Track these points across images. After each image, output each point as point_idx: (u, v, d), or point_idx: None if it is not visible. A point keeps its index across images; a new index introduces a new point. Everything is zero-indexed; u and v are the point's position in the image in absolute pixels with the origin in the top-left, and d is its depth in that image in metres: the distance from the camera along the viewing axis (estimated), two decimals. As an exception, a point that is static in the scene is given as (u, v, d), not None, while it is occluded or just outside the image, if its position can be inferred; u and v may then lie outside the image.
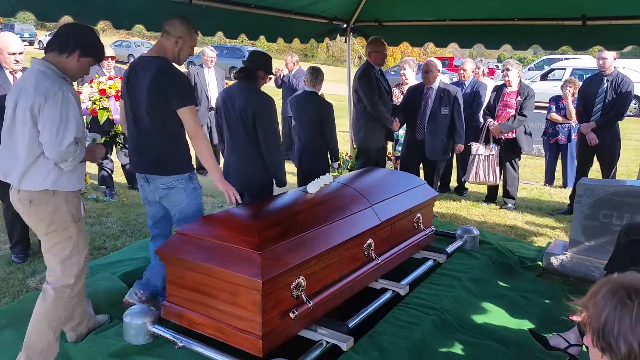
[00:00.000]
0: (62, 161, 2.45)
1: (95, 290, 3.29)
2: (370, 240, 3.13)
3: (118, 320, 2.90)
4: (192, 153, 3.08)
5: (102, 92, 5.56)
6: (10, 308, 3.20)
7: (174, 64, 2.95)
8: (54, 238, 2.58)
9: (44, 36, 31.99)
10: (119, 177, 6.48)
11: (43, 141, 2.41)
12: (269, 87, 3.62)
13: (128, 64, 3.36)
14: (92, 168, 6.79)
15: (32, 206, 2.52)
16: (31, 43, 33.13)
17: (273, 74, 3.99)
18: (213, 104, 7.00)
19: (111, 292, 3.31)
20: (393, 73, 21.38)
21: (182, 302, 2.67)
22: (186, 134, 2.95)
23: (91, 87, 5.58)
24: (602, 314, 1.10)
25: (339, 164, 6.21)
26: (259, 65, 3.66)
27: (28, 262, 4.11)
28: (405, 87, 6.06)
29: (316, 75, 4.63)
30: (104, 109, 5.53)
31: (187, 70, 7.55)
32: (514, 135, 5.72)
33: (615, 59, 5.53)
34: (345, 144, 7.34)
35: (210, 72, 7.05)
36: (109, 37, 36.54)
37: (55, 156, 2.42)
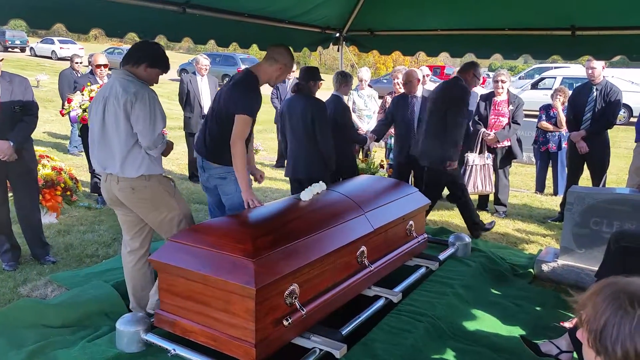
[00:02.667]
0: (153, 147, 2.97)
1: (87, 298, 3.28)
2: (363, 248, 3.14)
3: (111, 328, 2.89)
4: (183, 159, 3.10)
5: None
6: (1, 315, 3.15)
7: (263, 83, 3.46)
8: (159, 215, 3.07)
9: (36, 43, 31.89)
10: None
11: (138, 130, 2.91)
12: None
13: None
14: (86, 175, 6.77)
15: (134, 193, 3.00)
16: (22, 50, 32.97)
17: (322, 80, 4.69)
18: (206, 111, 7.01)
19: (104, 300, 3.29)
20: (385, 81, 21.52)
21: (175, 310, 2.66)
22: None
23: (82, 95, 5.57)
24: (602, 316, 1.10)
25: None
26: (308, 78, 4.52)
27: (19, 269, 4.08)
28: (398, 96, 6.11)
29: (346, 80, 4.83)
30: None
31: (180, 78, 7.56)
32: (509, 144, 5.80)
33: (604, 68, 5.61)
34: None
35: (204, 80, 7.06)
36: (101, 45, 36.50)
37: (149, 142, 2.94)
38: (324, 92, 4.28)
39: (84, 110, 5.50)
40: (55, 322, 3.08)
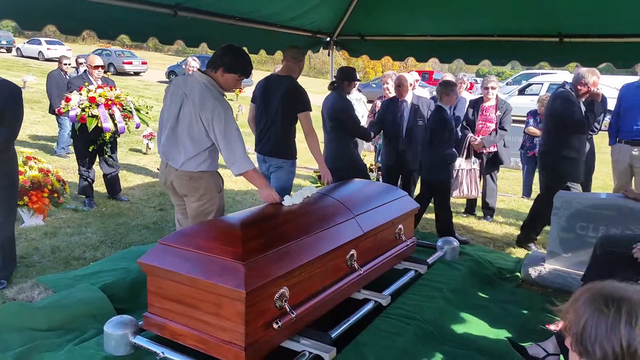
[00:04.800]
0: (231, 165, 3.16)
1: (74, 301, 3.25)
2: (353, 251, 3.15)
3: (99, 331, 2.87)
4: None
5: (92, 100, 5.55)
6: (-14, 319, 3.11)
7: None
8: (201, 205, 3.34)
9: (22, 43, 31.58)
10: (98, 186, 6.41)
11: (219, 147, 3.16)
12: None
13: (170, 78, 3.70)
14: (73, 177, 6.71)
15: (190, 181, 3.28)
16: (9, 50, 32.63)
17: (357, 80, 5.14)
18: None
19: (91, 303, 3.26)
20: (374, 86, 21.62)
21: (164, 313, 2.65)
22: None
23: (80, 94, 5.55)
24: (581, 319, 1.15)
25: None
26: (343, 77, 4.87)
27: (5, 272, 4.03)
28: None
29: (451, 88, 4.90)
30: (93, 116, 5.50)
31: (168, 80, 7.55)
32: (496, 149, 5.85)
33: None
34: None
35: None
36: (89, 46, 36.26)
37: (227, 159, 3.15)
38: (310, 95, 4.32)
39: (83, 110, 5.48)
40: (41, 325, 3.03)
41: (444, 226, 5.10)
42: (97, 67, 5.98)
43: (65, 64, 8.62)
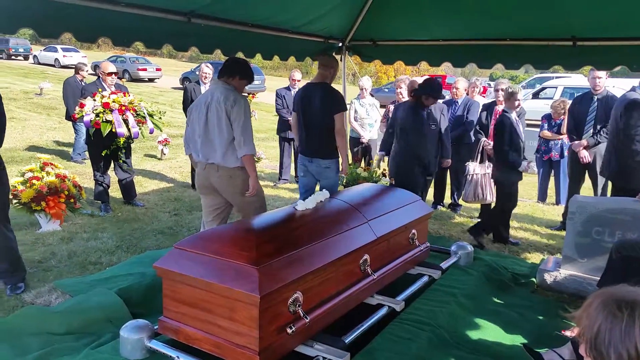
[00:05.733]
0: (242, 144, 3.68)
1: (91, 305, 3.29)
2: (366, 256, 3.16)
3: (115, 335, 2.90)
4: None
5: (106, 105, 5.63)
6: (4, 322, 3.17)
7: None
8: (246, 198, 3.85)
9: (39, 51, 32.09)
10: (114, 192, 6.49)
11: (235, 129, 3.68)
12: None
13: (185, 83, 4.02)
14: (89, 183, 6.80)
15: (230, 179, 3.79)
16: (26, 58, 33.18)
17: (440, 97, 5.14)
18: None
19: (107, 307, 3.30)
20: (387, 90, 21.61)
21: (179, 317, 2.67)
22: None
23: (94, 100, 5.64)
24: (595, 324, 1.15)
25: None
26: (423, 91, 4.92)
27: (23, 277, 4.09)
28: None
29: (511, 95, 4.98)
30: (107, 122, 5.58)
31: (183, 86, 7.63)
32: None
33: (606, 78, 5.65)
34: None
35: (206, 88, 7.10)
36: (104, 53, 36.71)
37: (240, 140, 3.68)
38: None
39: (97, 115, 5.56)
40: (59, 330, 3.08)
41: (486, 227, 5.25)
42: (110, 74, 6.06)
43: (84, 72, 8.80)
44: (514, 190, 5.14)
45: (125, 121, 5.74)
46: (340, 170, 4.72)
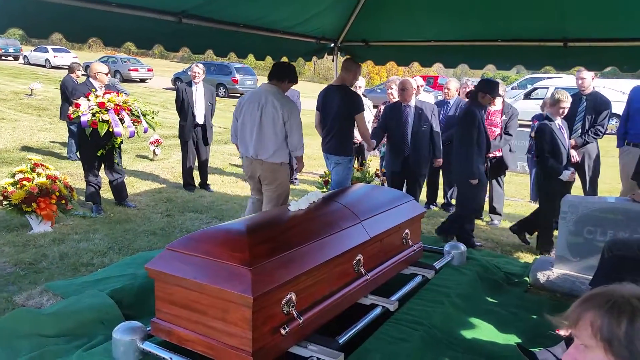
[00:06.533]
0: (295, 149, 4.40)
1: (83, 307, 3.26)
2: (359, 256, 3.15)
3: (107, 337, 2.88)
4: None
5: (102, 105, 5.60)
6: (-5, 325, 3.13)
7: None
8: (276, 190, 4.48)
9: (29, 51, 31.84)
10: (105, 193, 6.44)
11: (290, 136, 4.31)
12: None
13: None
14: (81, 184, 6.75)
15: (272, 172, 4.41)
16: (16, 58, 32.91)
17: (497, 95, 5.15)
18: (199, 120, 7.04)
19: (99, 309, 3.27)
20: (379, 91, 21.64)
21: (171, 319, 2.65)
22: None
23: (88, 100, 5.60)
24: (621, 324, 1.11)
25: None
26: (480, 89, 4.92)
27: (13, 279, 4.06)
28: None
29: (557, 101, 4.89)
30: (103, 121, 5.55)
31: (175, 87, 7.62)
32: (501, 154, 5.84)
33: (593, 78, 5.69)
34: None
35: (198, 88, 7.08)
36: (95, 53, 36.50)
37: (297, 145, 4.38)
38: (313, 101, 4.49)
39: (93, 115, 5.53)
40: (50, 332, 3.05)
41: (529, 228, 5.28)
42: (100, 73, 6.03)
43: (76, 71, 8.78)
44: (554, 197, 4.80)
45: (122, 120, 5.71)
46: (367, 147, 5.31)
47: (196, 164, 7.39)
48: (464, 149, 4.83)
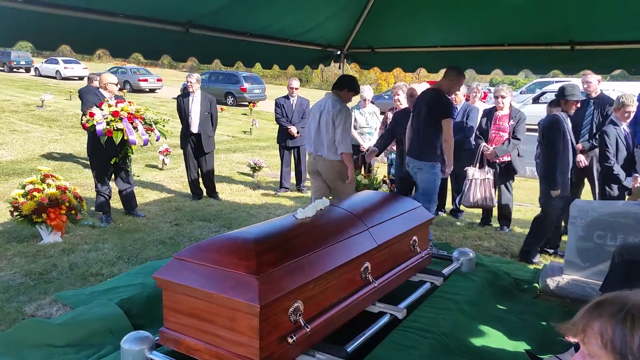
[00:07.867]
0: (340, 145, 4.76)
1: (92, 317, 3.28)
2: (367, 264, 3.14)
3: (115, 347, 2.88)
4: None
5: (115, 114, 5.65)
6: (5, 335, 3.15)
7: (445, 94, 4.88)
8: (341, 183, 4.90)
9: (40, 63, 32.25)
10: (115, 202, 6.49)
11: (337, 133, 4.72)
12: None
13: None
14: (90, 194, 6.80)
15: (331, 167, 4.87)
16: (27, 70, 33.35)
17: (575, 100, 4.88)
18: (193, 129, 7.09)
19: (108, 319, 3.29)
20: (387, 97, 21.61)
21: (179, 328, 2.66)
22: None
23: (101, 109, 5.66)
24: (635, 336, 1.05)
25: None
26: (559, 96, 4.82)
27: (23, 289, 4.09)
28: (400, 112, 6.16)
29: (622, 105, 4.87)
30: (118, 130, 5.60)
31: (175, 97, 7.72)
32: (509, 159, 5.81)
33: (599, 82, 5.65)
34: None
35: (195, 98, 7.14)
36: (104, 64, 36.89)
37: (339, 142, 4.74)
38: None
39: (108, 124, 5.59)
40: (59, 342, 3.07)
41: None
42: (112, 84, 6.12)
43: (95, 82, 8.90)
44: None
45: (135, 129, 5.78)
46: (443, 173, 4.94)
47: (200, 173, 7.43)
48: (549, 159, 4.70)
